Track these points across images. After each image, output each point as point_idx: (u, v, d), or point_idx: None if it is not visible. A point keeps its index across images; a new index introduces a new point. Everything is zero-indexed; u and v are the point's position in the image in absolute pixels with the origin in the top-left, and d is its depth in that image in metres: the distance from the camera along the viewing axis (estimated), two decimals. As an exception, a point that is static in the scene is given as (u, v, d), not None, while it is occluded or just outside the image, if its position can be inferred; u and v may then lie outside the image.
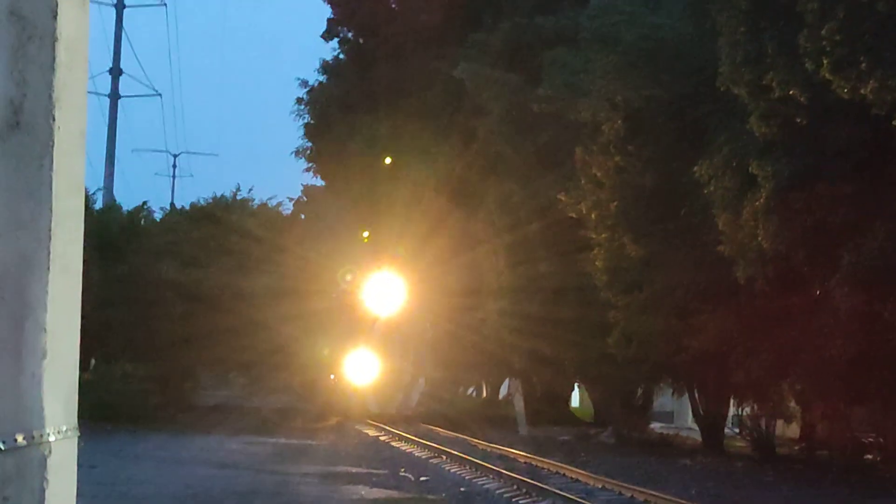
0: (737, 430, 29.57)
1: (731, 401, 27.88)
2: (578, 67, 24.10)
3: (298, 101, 41.97)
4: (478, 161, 31.67)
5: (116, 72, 44.94)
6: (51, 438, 2.47)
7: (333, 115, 40.42)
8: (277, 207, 40.49)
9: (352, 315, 38.34)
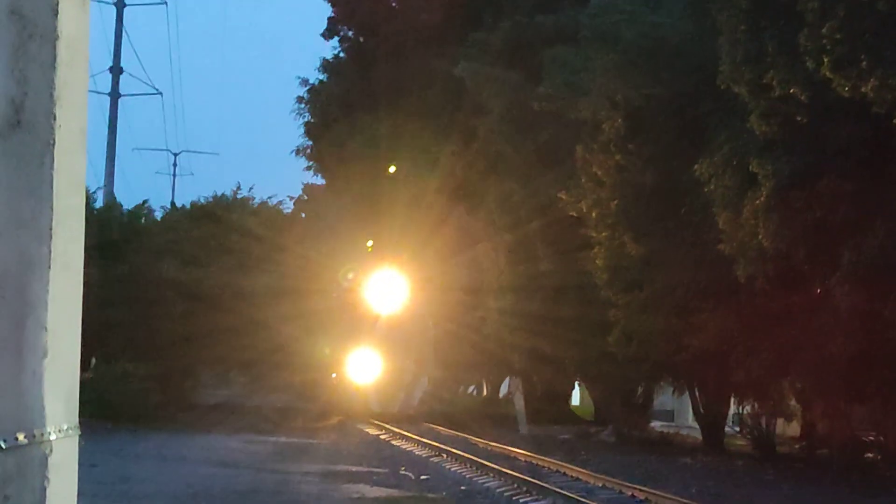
0: (737, 429, 29.58)
1: (732, 399, 27.89)
2: (579, 66, 24.10)
3: (299, 100, 42.02)
4: (478, 160, 31.68)
5: (117, 70, 44.92)
6: (52, 437, 2.47)
7: (334, 114, 40.44)
8: (278, 206, 40.52)
9: (353, 314, 38.30)
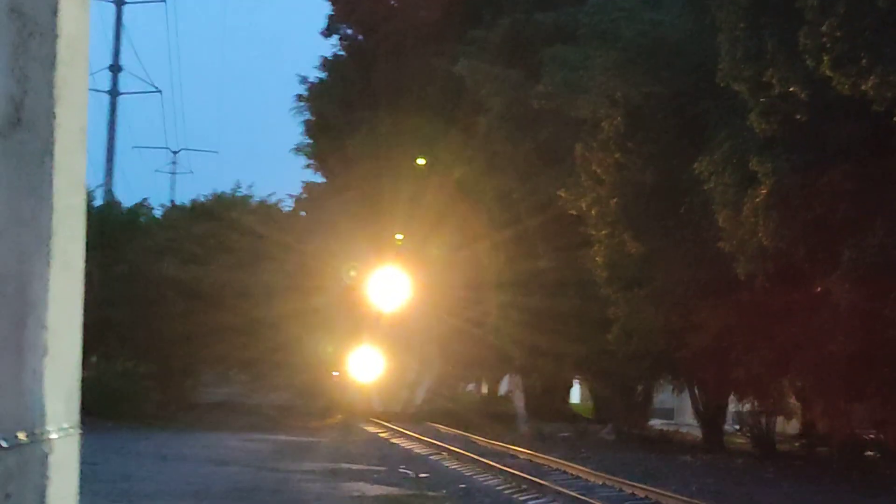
0: (737, 427, 29.60)
1: (732, 397, 27.90)
2: (578, 64, 24.09)
3: (298, 98, 42.00)
4: (478, 157, 31.67)
5: (116, 68, 44.94)
6: (52, 436, 2.47)
7: (333, 112, 40.43)
8: (278, 204, 40.54)
9: (356, 312, 38.22)
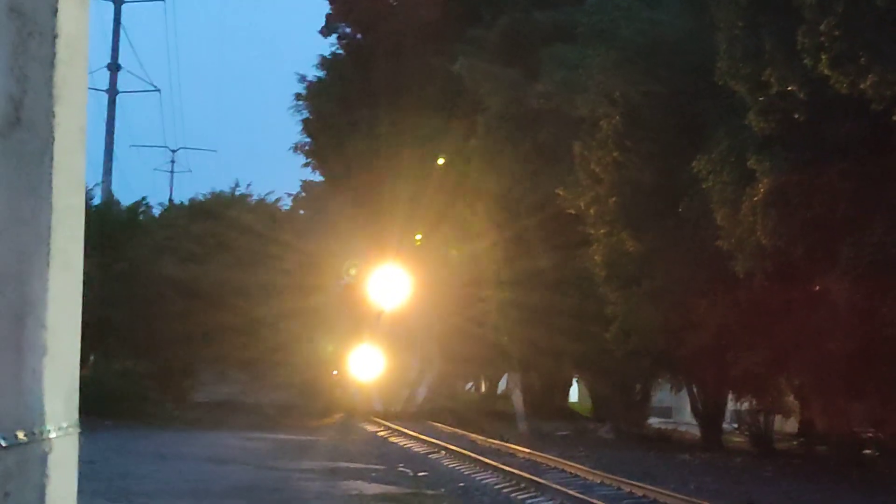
0: (735, 426, 29.61)
1: (730, 396, 27.92)
2: (576, 63, 24.09)
3: (297, 97, 41.98)
4: (477, 156, 31.67)
5: (115, 67, 44.88)
6: (52, 435, 2.47)
7: (332, 111, 40.42)
8: (276, 203, 40.56)
9: (356, 310, 38.18)
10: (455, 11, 35.67)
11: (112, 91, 44.94)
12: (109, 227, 33.57)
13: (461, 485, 17.85)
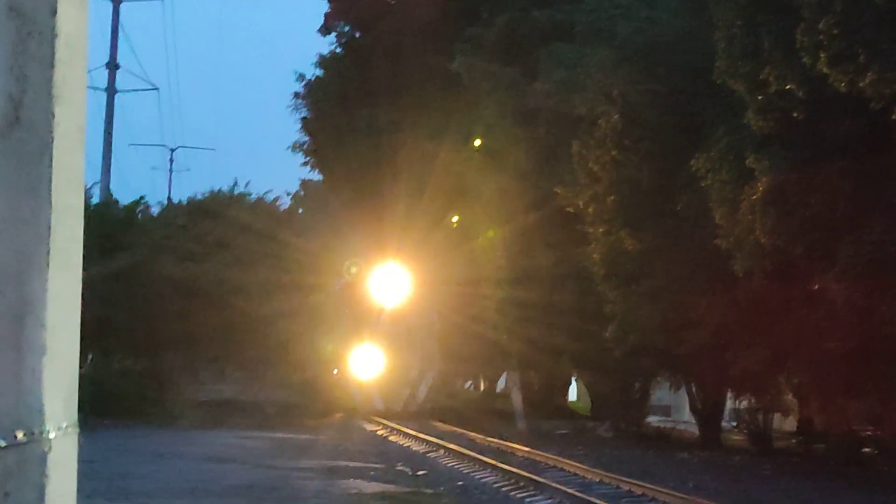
0: (734, 424, 29.62)
1: (729, 394, 27.93)
2: (575, 61, 24.10)
3: (296, 96, 41.96)
4: (475, 154, 31.67)
5: (113, 66, 44.84)
6: (51, 435, 2.47)
7: (331, 110, 40.40)
8: (275, 202, 40.53)
9: (356, 308, 38.09)
10: (454, 10, 35.66)
11: (111, 90, 44.91)
12: (108, 227, 33.53)
13: (460, 483, 17.86)
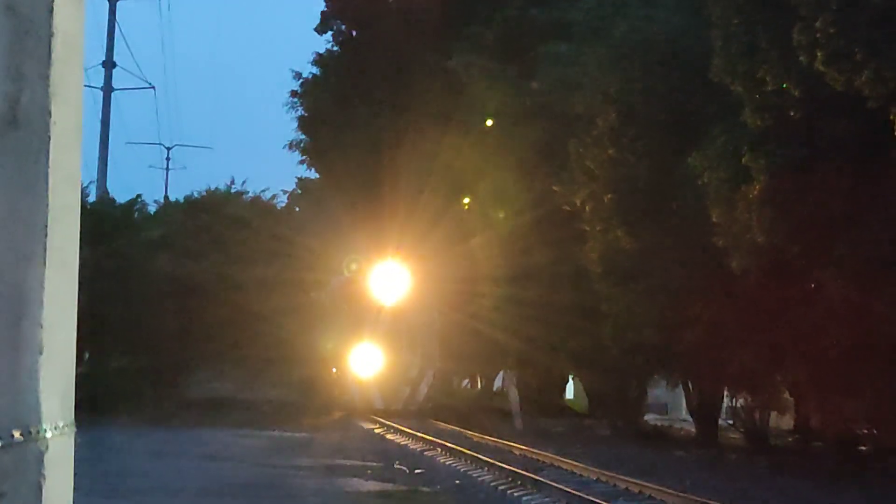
0: (731, 422, 29.64)
1: (726, 392, 27.94)
2: (572, 60, 24.10)
3: (292, 94, 41.91)
4: (473, 153, 31.64)
5: (110, 65, 44.83)
6: (48, 434, 2.47)
7: (327, 108, 40.35)
8: (272, 200, 40.53)
9: (355, 306, 37.97)
10: (451, 9, 35.63)
11: (107, 88, 44.91)
12: (105, 225, 33.53)
13: (457, 482, 17.86)
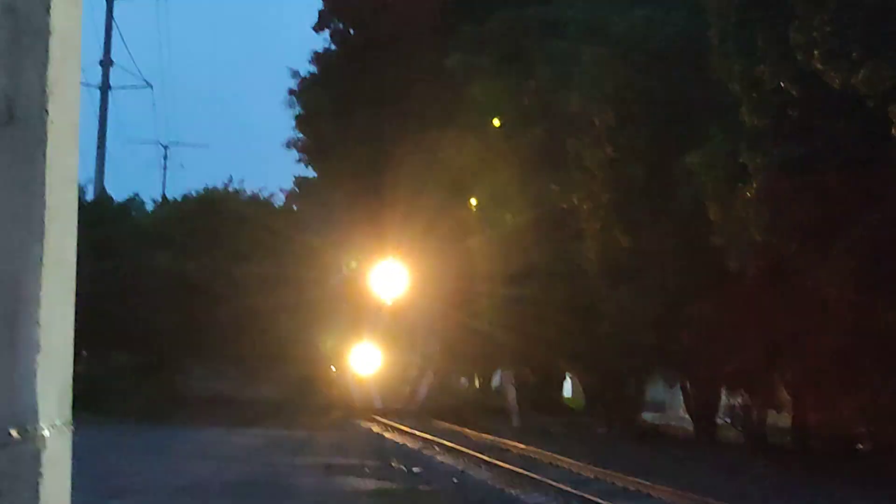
0: (728, 420, 29.68)
1: (723, 391, 27.97)
2: (569, 59, 24.10)
3: (290, 93, 41.90)
4: (470, 151, 31.65)
5: (107, 63, 44.79)
6: (45, 433, 2.46)
7: (325, 107, 40.35)
8: (269, 199, 40.52)
9: (355, 305, 37.91)
10: (449, 7, 35.62)
11: (104, 87, 44.86)
12: (102, 223, 33.52)
13: (455, 480, 17.87)
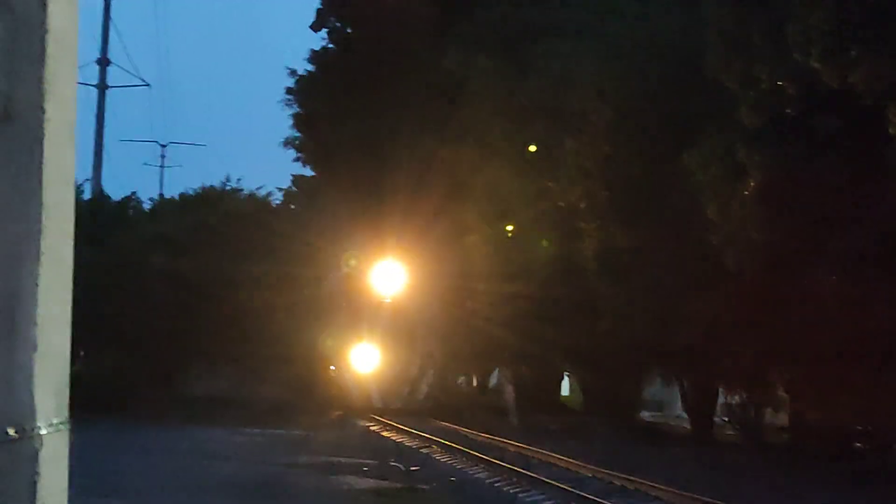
0: (726, 419, 29.69)
1: (721, 389, 27.97)
2: (567, 58, 24.09)
3: (288, 92, 41.88)
4: (469, 150, 31.64)
5: (104, 62, 44.75)
6: (42, 432, 2.46)
7: (323, 105, 40.34)
8: (267, 197, 40.48)
9: (354, 303, 37.86)
10: (446, 6, 35.61)
11: (102, 86, 44.83)
12: (99, 222, 33.48)
13: (452, 479, 17.87)
